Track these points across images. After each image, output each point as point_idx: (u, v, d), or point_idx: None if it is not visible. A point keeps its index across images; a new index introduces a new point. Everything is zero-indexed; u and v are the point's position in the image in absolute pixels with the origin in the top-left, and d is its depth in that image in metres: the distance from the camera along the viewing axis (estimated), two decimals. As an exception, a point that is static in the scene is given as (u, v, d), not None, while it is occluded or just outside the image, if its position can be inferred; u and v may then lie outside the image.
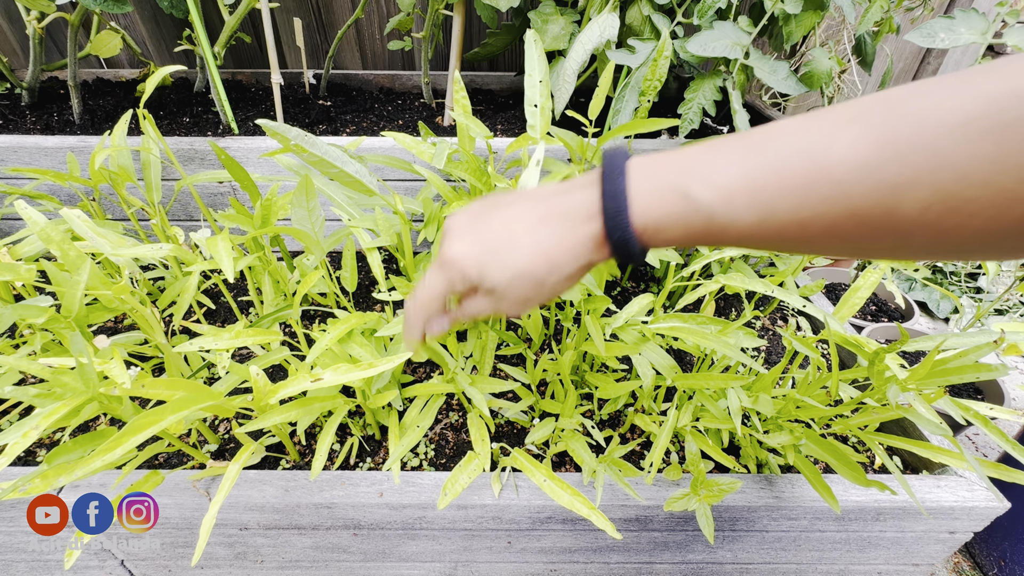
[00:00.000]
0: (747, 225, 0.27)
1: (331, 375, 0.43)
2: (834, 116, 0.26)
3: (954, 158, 0.23)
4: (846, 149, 0.25)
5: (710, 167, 0.28)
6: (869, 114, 0.25)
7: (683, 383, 0.54)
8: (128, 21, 1.15)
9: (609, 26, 0.78)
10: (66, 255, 0.47)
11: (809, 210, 0.26)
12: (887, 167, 0.24)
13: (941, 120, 0.23)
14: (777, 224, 0.27)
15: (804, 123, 0.27)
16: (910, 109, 0.24)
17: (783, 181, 0.26)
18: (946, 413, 0.72)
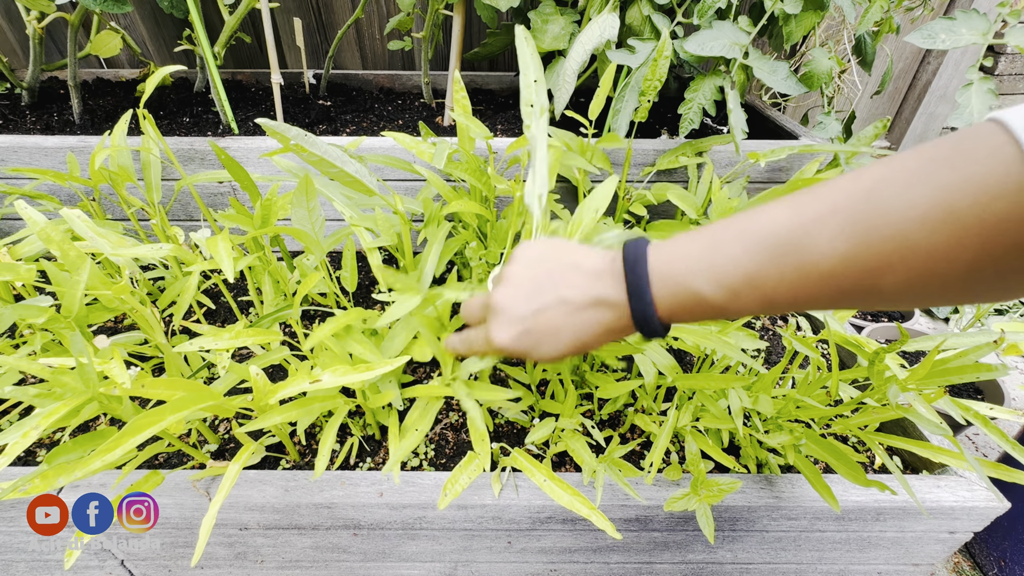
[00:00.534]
0: (751, 308, 0.33)
1: (329, 377, 0.43)
2: (813, 208, 0.30)
3: (920, 244, 0.26)
4: (828, 246, 0.29)
5: (714, 267, 0.33)
6: (843, 208, 0.29)
7: (683, 383, 0.54)
8: (128, 21, 1.15)
9: (609, 26, 0.78)
10: (66, 255, 0.47)
11: (804, 294, 0.31)
12: (865, 258, 0.28)
13: (904, 212, 0.27)
14: (778, 304, 0.32)
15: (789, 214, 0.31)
16: (878, 200, 0.28)
17: (779, 277, 0.31)
18: (946, 413, 0.72)
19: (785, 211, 0.31)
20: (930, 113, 1.48)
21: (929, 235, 0.26)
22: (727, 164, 0.87)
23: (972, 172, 0.25)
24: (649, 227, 0.80)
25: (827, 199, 0.30)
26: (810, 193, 0.31)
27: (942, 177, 0.26)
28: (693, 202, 0.76)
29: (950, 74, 1.42)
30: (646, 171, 0.86)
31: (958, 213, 0.25)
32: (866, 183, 0.29)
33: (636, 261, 0.36)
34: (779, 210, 0.32)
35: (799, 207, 0.31)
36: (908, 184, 0.27)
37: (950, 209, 0.25)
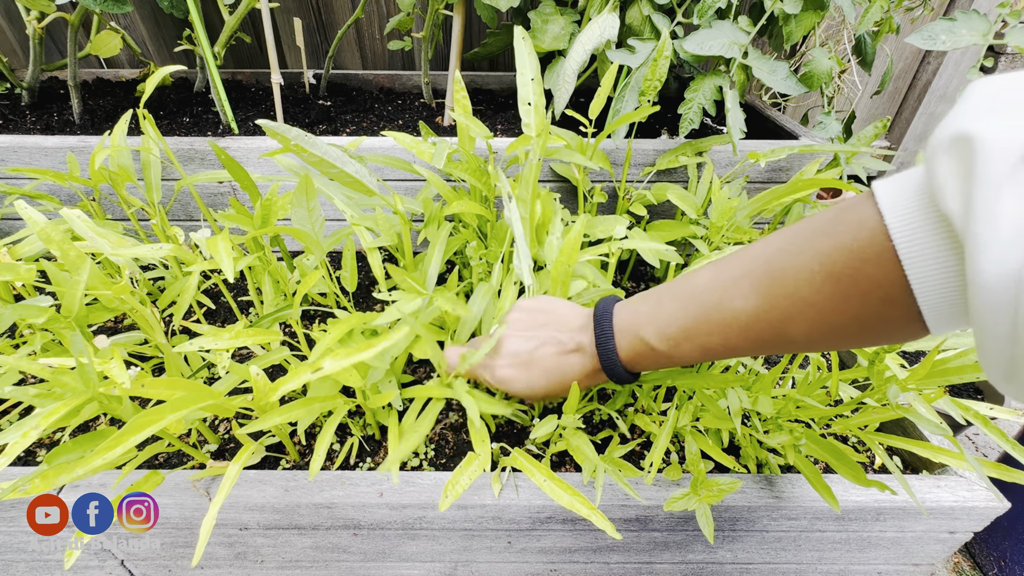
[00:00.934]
0: (693, 356, 0.40)
1: (330, 363, 0.43)
2: (731, 272, 0.36)
3: (811, 300, 0.31)
4: (742, 304, 0.34)
5: (658, 323, 0.40)
6: (751, 273, 0.34)
7: (683, 383, 0.54)
8: (128, 21, 1.15)
9: (609, 26, 0.78)
10: (66, 255, 0.47)
11: (732, 342, 0.36)
12: (772, 313, 0.33)
13: (799, 276, 0.31)
14: (714, 352, 0.38)
15: (712, 278, 0.37)
16: (776, 266, 0.33)
17: (708, 329, 0.37)
18: (946, 413, 0.72)
19: (710, 275, 0.38)
20: (930, 113, 1.49)
21: (817, 294, 0.31)
22: (727, 164, 0.87)
23: (845, 242, 0.29)
24: (649, 227, 0.80)
25: (741, 264, 0.35)
26: (731, 258, 0.37)
27: (823, 245, 0.30)
28: (693, 202, 0.76)
29: (950, 74, 1.42)
30: (646, 171, 0.86)
31: (837, 275, 0.29)
32: (770, 250, 0.34)
33: (603, 318, 0.44)
34: (706, 274, 0.38)
35: (720, 271, 0.37)
36: (800, 250, 0.31)
37: (830, 272, 0.30)
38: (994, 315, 0.23)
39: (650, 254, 0.66)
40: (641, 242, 0.65)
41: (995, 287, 0.22)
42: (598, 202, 0.81)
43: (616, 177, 0.86)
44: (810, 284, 0.31)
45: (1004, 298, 0.22)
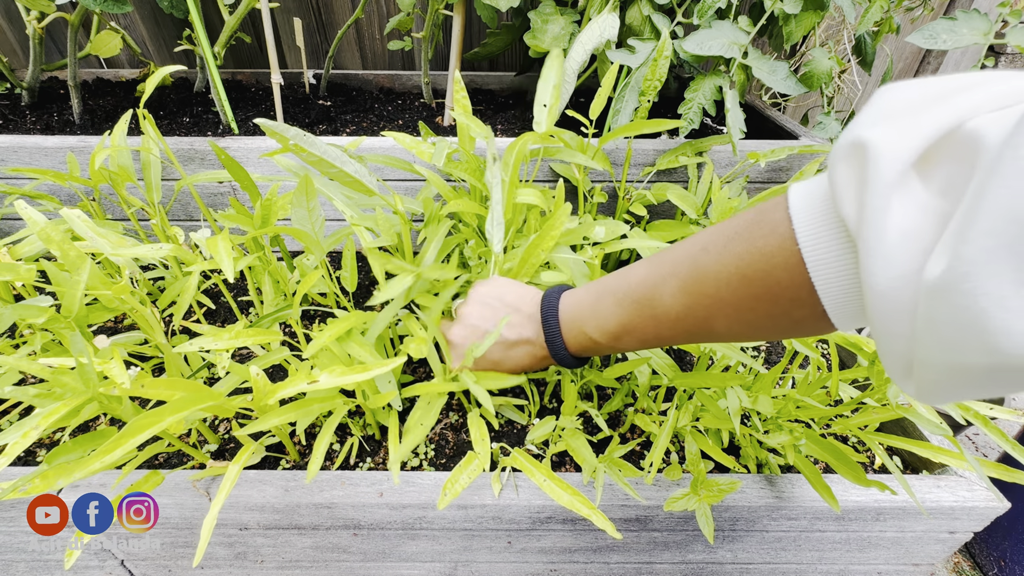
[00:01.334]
0: (632, 346, 0.43)
1: (327, 378, 0.43)
2: (661, 270, 0.38)
3: (729, 299, 0.33)
4: (670, 301, 0.37)
5: (598, 318, 0.43)
6: (678, 272, 0.36)
7: (683, 383, 0.54)
8: (128, 21, 1.15)
9: (609, 26, 0.78)
10: (66, 255, 0.47)
11: (665, 334, 0.39)
12: (696, 309, 0.35)
13: (718, 276, 0.33)
14: (650, 342, 0.41)
15: (644, 276, 0.40)
16: (699, 265, 0.35)
17: (643, 324, 0.40)
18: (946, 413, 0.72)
19: (643, 273, 0.40)
20: (930, 113, 1.48)
21: (734, 294, 0.32)
22: (727, 164, 0.87)
23: (758, 245, 0.30)
24: (649, 227, 0.80)
25: (670, 263, 0.37)
26: (663, 255, 0.39)
27: (739, 247, 0.32)
28: (693, 202, 0.76)
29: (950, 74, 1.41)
30: (646, 171, 0.86)
31: (751, 278, 0.31)
32: (695, 249, 0.36)
33: (549, 309, 0.47)
34: (640, 271, 0.40)
35: (652, 269, 0.39)
36: (720, 252, 0.33)
37: (744, 275, 0.31)
38: (890, 317, 0.23)
39: (650, 254, 0.66)
40: (641, 241, 0.65)
41: (886, 291, 0.23)
42: (598, 202, 0.81)
43: (616, 177, 0.86)
44: (728, 285, 0.32)
45: (898, 302, 0.22)
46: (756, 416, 0.55)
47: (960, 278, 0.19)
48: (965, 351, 0.20)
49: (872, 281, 0.23)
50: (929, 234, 0.22)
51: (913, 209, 0.22)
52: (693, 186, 0.81)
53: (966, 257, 0.19)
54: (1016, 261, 0.17)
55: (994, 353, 0.19)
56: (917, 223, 0.22)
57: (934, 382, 0.23)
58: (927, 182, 0.22)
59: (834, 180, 0.25)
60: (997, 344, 0.19)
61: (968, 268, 0.19)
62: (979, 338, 0.19)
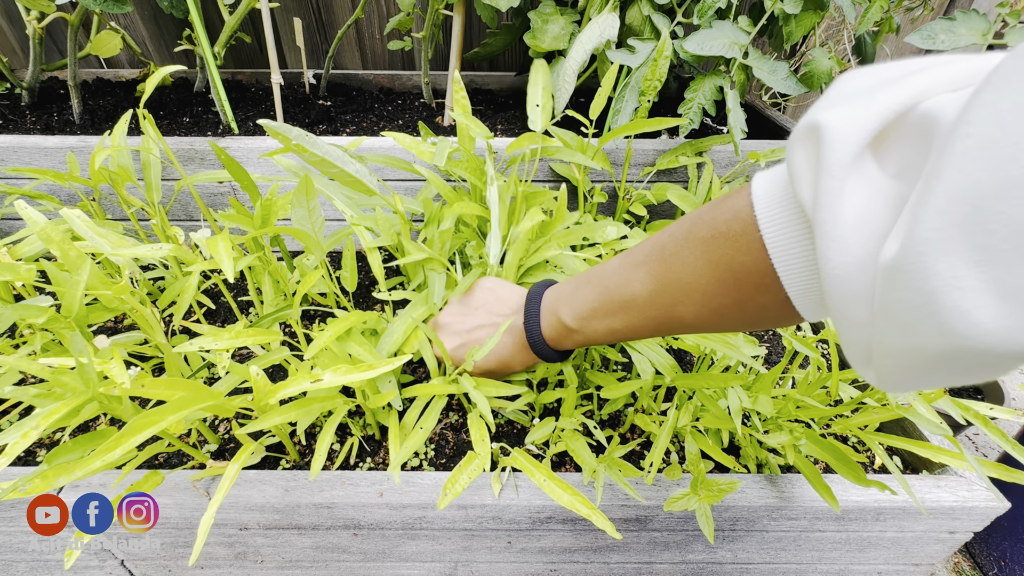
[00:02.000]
0: (601, 335, 0.43)
1: (330, 376, 0.43)
2: (633, 258, 0.39)
3: (695, 286, 0.33)
4: (639, 288, 0.37)
5: (574, 305, 0.44)
6: (647, 260, 0.37)
7: (683, 383, 0.54)
8: (128, 21, 1.15)
9: (609, 26, 0.78)
10: (66, 255, 0.47)
11: (634, 323, 0.39)
12: (663, 296, 0.36)
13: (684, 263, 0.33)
14: (619, 332, 0.41)
15: (618, 265, 0.40)
16: (667, 253, 0.35)
17: (613, 310, 0.40)
18: (946, 413, 0.72)
19: (618, 262, 0.41)
20: (930, 113, 1.48)
21: (700, 279, 0.32)
22: (727, 164, 0.87)
23: (723, 231, 0.30)
24: (650, 227, 0.81)
25: (642, 252, 0.38)
26: (638, 246, 0.39)
27: (705, 233, 0.32)
28: (693, 202, 0.76)
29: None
30: (646, 171, 0.86)
31: (716, 263, 0.31)
32: (665, 238, 0.36)
33: (532, 300, 0.48)
34: (615, 261, 0.41)
35: (625, 259, 0.40)
36: (686, 239, 0.33)
37: (710, 260, 0.31)
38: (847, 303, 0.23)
39: None
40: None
41: (843, 276, 0.22)
42: (598, 202, 0.81)
43: (616, 177, 0.86)
44: (694, 271, 0.33)
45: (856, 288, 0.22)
46: (756, 416, 0.55)
47: (913, 258, 0.19)
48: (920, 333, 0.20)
49: (828, 266, 0.23)
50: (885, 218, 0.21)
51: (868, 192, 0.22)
52: (693, 186, 0.81)
53: (919, 237, 0.18)
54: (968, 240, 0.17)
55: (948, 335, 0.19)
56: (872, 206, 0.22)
57: (893, 368, 0.23)
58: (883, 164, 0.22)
59: (791, 163, 0.24)
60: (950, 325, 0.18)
61: (921, 248, 0.18)
62: (933, 319, 0.19)
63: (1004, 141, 0.16)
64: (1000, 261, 0.17)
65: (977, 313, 0.17)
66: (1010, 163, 0.16)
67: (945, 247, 0.18)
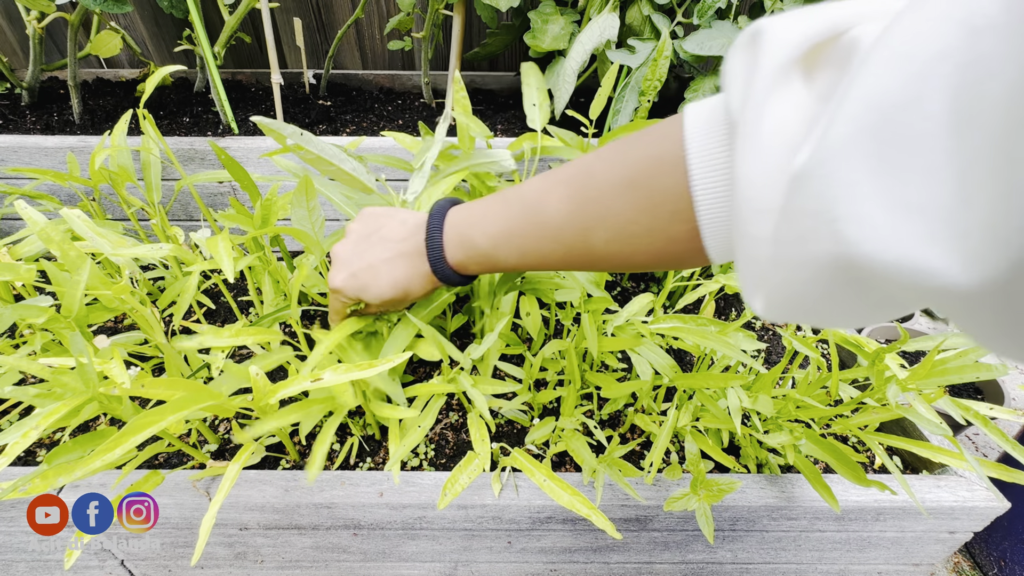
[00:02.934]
0: (512, 259, 0.40)
1: (331, 375, 0.43)
2: (555, 177, 0.36)
3: (613, 208, 0.32)
4: (556, 207, 0.35)
5: (486, 222, 0.40)
6: (570, 178, 0.35)
7: (683, 383, 0.54)
8: (128, 21, 1.15)
9: (609, 26, 0.78)
10: (66, 255, 0.47)
11: (546, 248, 0.37)
12: (579, 218, 0.34)
13: (607, 182, 0.32)
14: (529, 257, 0.39)
15: (539, 182, 0.37)
16: (592, 171, 0.33)
17: (525, 231, 0.37)
18: (946, 413, 0.72)
19: (539, 180, 0.38)
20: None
21: (619, 200, 0.31)
22: (727, 164, 0.87)
23: (648, 152, 0.30)
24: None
25: (567, 170, 0.35)
26: (564, 165, 0.36)
27: (631, 154, 0.31)
28: (693, 202, 0.76)
29: None
30: (646, 171, 0.86)
31: (637, 184, 0.30)
32: (592, 157, 0.34)
33: (435, 216, 0.43)
34: (537, 179, 0.38)
35: (547, 177, 0.37)
36: (613, 158, 0.32)
37: (631, 181, 0.30)
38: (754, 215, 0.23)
39: None
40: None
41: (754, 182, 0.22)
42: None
43: (616, 177, 0.86)
44: (613, 191, 0.31)
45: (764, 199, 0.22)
46: (756, 416, 0.55)
47: (819, 164, 0.19)
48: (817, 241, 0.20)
49: (742, 171, 0.23)
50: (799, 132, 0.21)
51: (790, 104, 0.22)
52: (693, 186, 0.81)
53: (828, 143, 0.18)
54: (871, 148, 0.17)
55: (840, 242, 0.19)
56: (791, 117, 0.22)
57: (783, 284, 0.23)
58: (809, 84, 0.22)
59: (728, 69, 0.24)
60: (844, 232, 0.18)
61: (827, 155, 0.18)
62: (829, 227, 0.19)
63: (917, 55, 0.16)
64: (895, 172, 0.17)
65: (868, 221, 0.18)
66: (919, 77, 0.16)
67: (850, 154, 0.18)
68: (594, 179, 0.33)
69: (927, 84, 0.16)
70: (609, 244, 0.33)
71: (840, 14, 0.22)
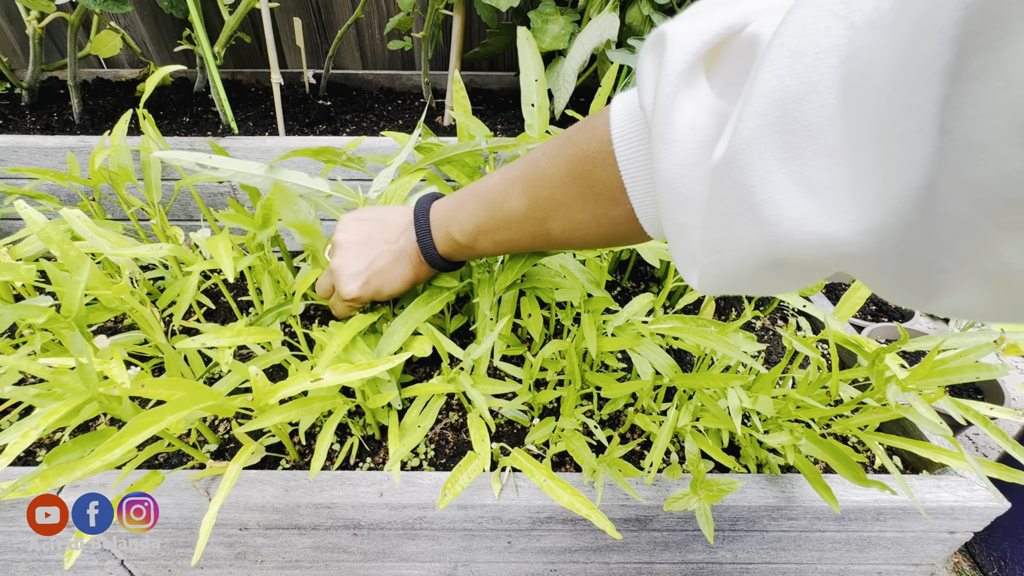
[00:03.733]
0: (489, 249, 0.45)
1: (331, 375, 0.43)
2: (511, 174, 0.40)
3: (560, 199, 0.35)
4: (516, 203, 0.39)
5: (459, 220, 0.45)
6: (522, 175, 0.38)
7: (683, 383, 0.54)
8: (128, 21, 1.15)
9: (609, 26, 0.78)
10: (66, 255, 0.47)
11: (515, 237, 0.41)
12: (535, 210, 0.38)
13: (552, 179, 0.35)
14: (504, 245, 0.43)
15: (498, 180, 0.41)
16: (539, 169, 0.36)
17: (495, 226, 0.42)
18: (946, 413, 0.72)
19: (497, 178, 0.41)
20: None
21: (566, 194, 0.34)
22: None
23: (583, 148, 0.32)
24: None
25: (519, 167, 0.39)
26: (516, 162, 0.40)
27: (570, 151, 0.33)
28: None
29: None
30: (646, 171, 0.86)
31: (576, 178, 0.33)
32: (537, 155, 0.37)
33: (420, 218, 0.48)
34: (495, 177, 0.42)
35: (504, 174, 0.40)
36: (554, 156, 0.35)
37: (572, 176, 0.33)
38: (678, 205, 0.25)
39: (650, 253, 0.66)
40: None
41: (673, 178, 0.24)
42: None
43: (616, 177, 0.86)
44: (560, 186, 0.35)
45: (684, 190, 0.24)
46: (756, 416, 0.55)
47: (736, 157, 0.20)
48: (741, 225, 0.21)
49: (661, 167, 0.25)
50: (710, 127, 0.23)
51: (697, 103, 0.23)
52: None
53: (740, 137, 0.20)
54: (777, 140, 0.19)
55: (761, 224, 0.20)
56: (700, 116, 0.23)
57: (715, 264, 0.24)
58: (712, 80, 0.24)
59: (639, 73, 0.26)
60: (763, 215, 0.20)
61: (741, 147, 0.20)
62: (750, 211, 0.21)
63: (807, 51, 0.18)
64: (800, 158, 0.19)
65: (783, 203, 0.19)
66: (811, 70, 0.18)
67: (760, 145, 0.19)
68: (541, 175, 0.36)
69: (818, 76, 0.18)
70: (564, 231, 0.37)
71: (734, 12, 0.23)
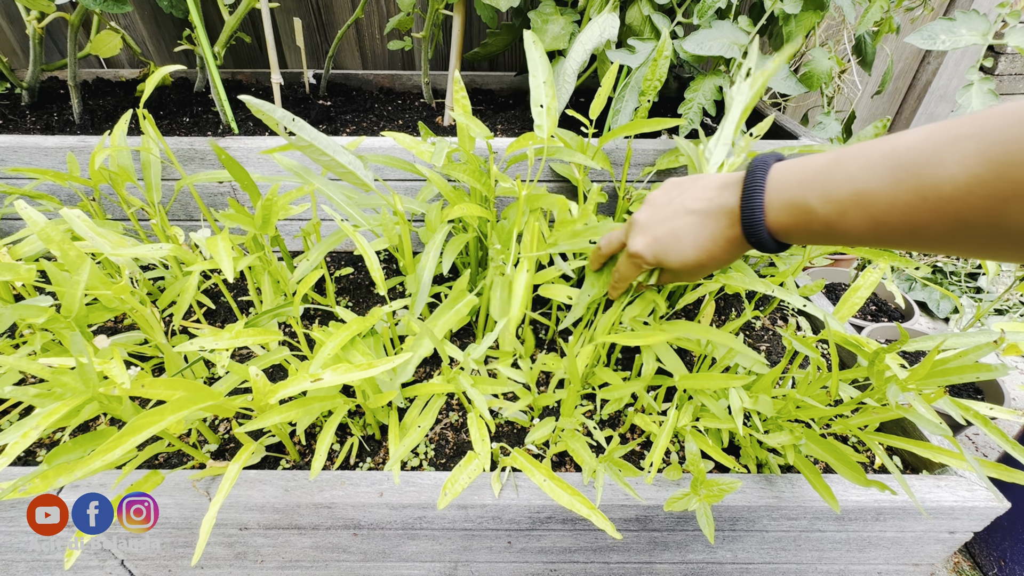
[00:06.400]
0: (859, 231, 0.32)
1: (331, 375, 0.43)
2: (951, 132, 0.28)
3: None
4: (955, 169, 0.26)
5: (829, 181, 0.32)
6: (981, 133, 0.26)
7: (685, 383, 0.54)
8: (128, 21, 1.15)
9: (609, 26, 0.78)
10: (66, 255, 0.47)
11: (918, 220, 0.29)
12: (994, 182, 0.25)
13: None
14: (887, 228, 0.31)
15: (925, 136, 0.29)
16: (1015, 129, 0.25)
17: (893, 198, 0.29)
18: (946, 413, 0.72)
19: (923, 133, 0.29)
20: (930, 113, 1.49)
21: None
22: (727, 164, 0.87)
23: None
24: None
25: (967, 125, 0.27)
26: (948, 122, 0.29)
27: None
28: (693, 202, 0.76)
29: (950, 74, 1.42)
30: (646, 171, 0.86)
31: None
32: (1011, 111, 0.26)
33: (757, 170, 0.36)
34: (917, 132, 0.30)
35: (935, 130, 0.29)
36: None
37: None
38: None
39: None
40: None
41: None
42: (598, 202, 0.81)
43: (616, 177, 0.86)
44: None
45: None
46: (756, 416, 0.55)
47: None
48: None
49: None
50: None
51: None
52: (693, 186, 0.81)
53: None
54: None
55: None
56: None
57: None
58: None
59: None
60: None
61: None
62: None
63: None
64: None
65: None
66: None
67: None
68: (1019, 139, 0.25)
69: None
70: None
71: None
